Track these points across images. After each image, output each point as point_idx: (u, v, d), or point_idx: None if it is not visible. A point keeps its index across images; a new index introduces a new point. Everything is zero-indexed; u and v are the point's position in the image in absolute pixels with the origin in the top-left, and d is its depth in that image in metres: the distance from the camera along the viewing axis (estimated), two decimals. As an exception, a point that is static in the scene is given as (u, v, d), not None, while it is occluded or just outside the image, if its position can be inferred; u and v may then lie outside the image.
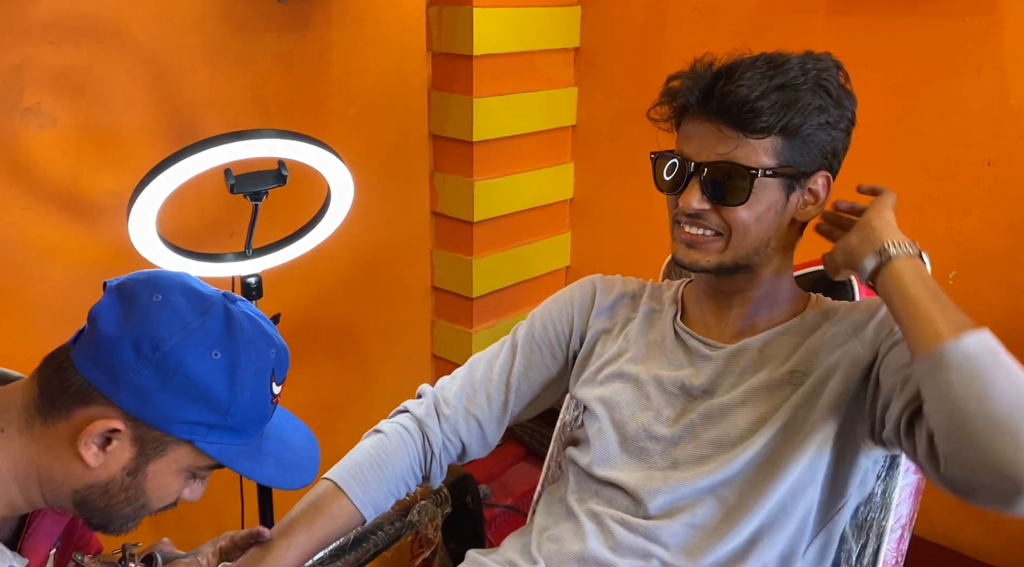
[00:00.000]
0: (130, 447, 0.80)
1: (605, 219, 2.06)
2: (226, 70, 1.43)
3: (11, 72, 1.19)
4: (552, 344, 1.19)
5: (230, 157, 1.11)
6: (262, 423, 0.86)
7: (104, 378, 0.77)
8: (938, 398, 0.83)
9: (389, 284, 1.87)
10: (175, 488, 0.85)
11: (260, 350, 0.82)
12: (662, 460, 1.03)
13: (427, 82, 1.82)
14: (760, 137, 0.94)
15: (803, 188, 0.99)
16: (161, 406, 0.78)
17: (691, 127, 0.99)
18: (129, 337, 0.77)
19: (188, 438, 0.80)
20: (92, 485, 0.81)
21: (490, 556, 1.09)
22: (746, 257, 1.00)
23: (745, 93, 0.92)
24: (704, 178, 0.97)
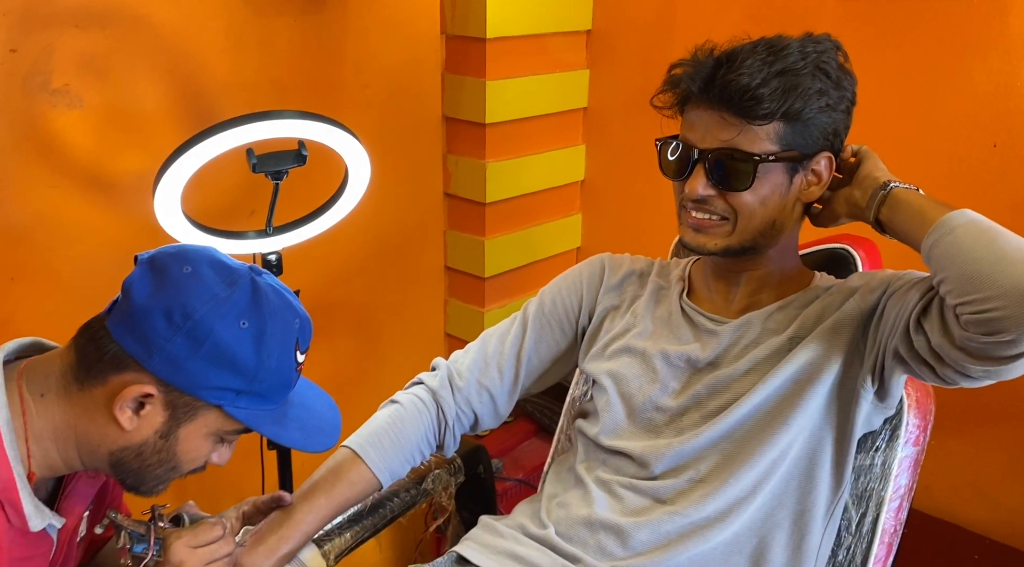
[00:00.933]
0: (162, 411, 0.84)
1: (616, 201, 2.09)
2: (246, 53, 1.47)
3: (40, 55, 1.22)
4: (561, 319, 1.23)
5: (252, 137, 1.15)
6: (287, 389, 0.90)
7: (137, 345, 0.82)
8: (947, 257, 0.87)
9: (403, 264, 1.91)
10: (205, 451, 0.89)
11: (285, 320, 0.86)
12: (668, 430, 1.07)
13: (440, 65, 1.84)
14: (762, 123, 0.97)
15: (806, 170, 1.02)
16: (192, 372, 0.82)
17: (694, 114, 1.01)
18: (161, 307, 0.81)
19: (217, 403, 0.85)
20: (127, 447, 0.85)
21: (501, 521, 1.14)
22: (752, 239, 1.03)
23: (746, 81, 0.95)
24: (708, 164, 1.00)
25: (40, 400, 0.85)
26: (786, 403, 1.02)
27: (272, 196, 1.25)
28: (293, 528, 1.05)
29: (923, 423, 1.11)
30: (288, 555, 1.04)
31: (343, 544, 1.12)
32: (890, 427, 1.09)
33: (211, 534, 0.93)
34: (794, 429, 1.01)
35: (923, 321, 0.93)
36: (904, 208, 0.96)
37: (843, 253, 1.22)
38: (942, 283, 0.88)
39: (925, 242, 0.91)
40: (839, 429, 1.03)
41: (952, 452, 1.60)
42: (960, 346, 0.88)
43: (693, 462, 1.03)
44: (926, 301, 0.93)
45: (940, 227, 0.89)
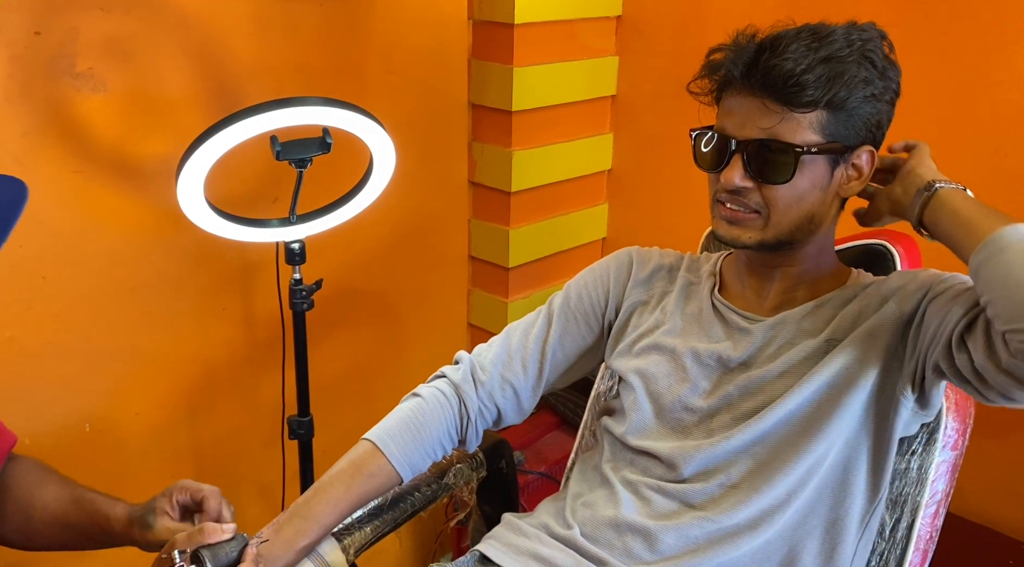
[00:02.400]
0: None
1: (643, 191, 2.05)
2: (271, 37, 1.45)
3: (65, 37, 1.21)
4: (587, 314, 1.20)
5: (276, 124, 1.13)
6: None
7: None
8: (997, 278, 0.83)
9: (427, 252, 1.89)
10: None
11: None
12: (697, 431, 1.04)
13: (467, 51, 1.81)
14: (805, 111, 0.93)
15: (847, 163, 0.98)
16: None
17: (733, 101, 0.98)
18: None
19: None
20: None
21: (525, 519, 1.12)
22: (788, 233, 0.99)
23: (791, 66, 0.91)
24: (747, 154, 0.96)
25: None
26: (822, 410, 0.98)
27: (296, 184, 1.23)
28: (312, 521, 1.03)
29: (962, 427, 1.07)
30: (307, 548, 1.03)
31: (363, 538, 1.11)
32: (927, 431, 1.05)
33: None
34: (831, 436, 0.98)
35: (967, 338, 0.89)
36: (950, 214, 0.91)
37: (881, 249, 1.19)
38: (990, 305, 0.84)
39: (973, 258, 0.86)
40: (876, 437, 1.00)
41: (986, 453, 1.55)
42: (1006, 370, 0.84)
43: (724, 466, 1.00)
44: (970, 318, 0.89)
45: (990, 244, 0.85)
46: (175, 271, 1.45)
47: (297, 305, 1.32)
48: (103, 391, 1.42)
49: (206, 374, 1.55)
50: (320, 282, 1.36)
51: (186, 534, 0.89)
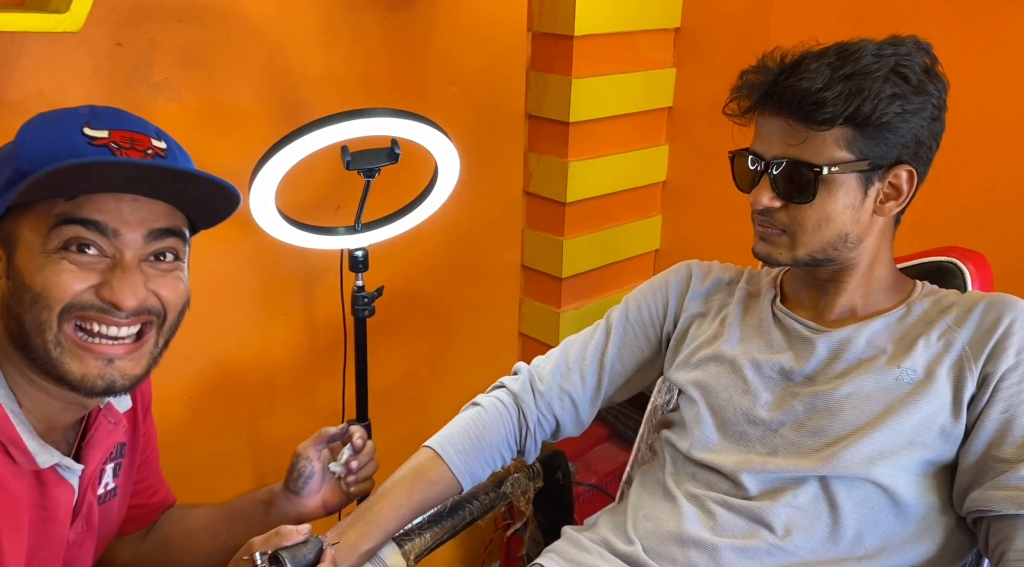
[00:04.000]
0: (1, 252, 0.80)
1: (698, 203, 2.04)
2: (338, 49, 1.48)
3: (143, 48, 1.25)
4: (646, 326, 1.20)
5: (347, 135, 1.15)
6: (70, 157, 0.77)
7: None
8: None
9: (480, 261, 1.90)
10: (53, 269, 0.79)
11: (55, 114, 0.81)
12: (761, 445, 1.03)
13: (526, 62, 1.83)
14: (825, 129, 0.93)
15: (882, 181, 0.97)
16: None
17: (761, 122, 0.99)
18: None
19: (3, 208, 0.77)
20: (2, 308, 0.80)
21: (584, 534, 1.12)
22: (822, 252, 0.99)
23: (807, 85, 0.92)
24: (773, 175, 0.97)
25: None
26: (897, 452, 0.96)
27: (363, 193, 1.25)
28: (374, 526, 1.05)
29: None
30: (369, 552, 1.05)
31: (423, 544, 1.12)
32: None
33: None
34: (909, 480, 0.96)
35: (980, 526, 0.91)
36: None
37: (950, 267, 1.16)
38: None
39: None
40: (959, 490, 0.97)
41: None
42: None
43: (790, 487, 0.99)
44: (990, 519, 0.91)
45: None
46: (240, 276, 1.48)
47: (359, 311, 1.34)
48: (167, 393, 1.46)
49: (267, 378, 1.58)
50: (381, 289, 1.38)
51: (265, 536, 0.91)
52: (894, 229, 1.04)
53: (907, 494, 0.94)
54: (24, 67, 1.14)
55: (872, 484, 0.95)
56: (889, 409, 0.96)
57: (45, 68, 1.16)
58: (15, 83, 1.14)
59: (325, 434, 1.07)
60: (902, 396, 0.96)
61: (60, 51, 1.17)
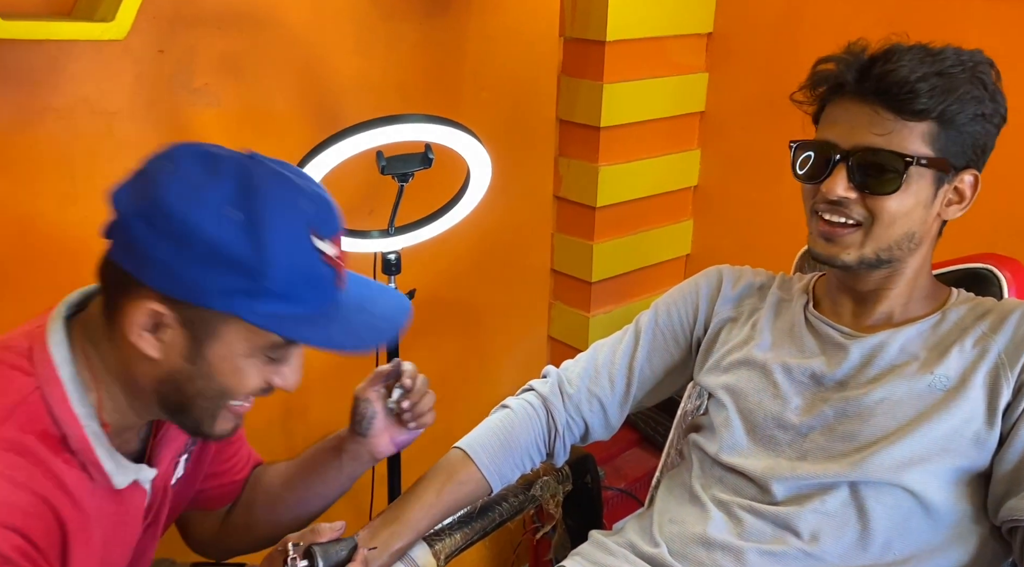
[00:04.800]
0: (181, 331, 0.77)
1: (730, 208, 2.03)
2: (372, 56, 1.50)
3: (184, 55, 1.29)
4: (676, 331, 1.20)
5: (382, 140, 1.17)
6: (317, 287, 0.79)
7: (129, 259, 0.75)
8: None
9: (510, 265, 1.91)
10: (250, 372, 0.81)
11: (285, 202, 0.76)
12: (790, 450, 1.02)
13: (557, 67, 1.84)
14: (917, 120, 0.92)
15: (951, 184, 0.96)
16: (187, 277, 0.73)
17: (840, 110, 0.97)
18: (138, 210, 0.74)
19: (229, 310, 0.75)
20: (163, 380, 0.80)
21: (611, 538, 1.12)
22: (888, 251, 0.97)
23: (905, 73, 0.91)
24: (852, 164, 0.95)
25: (95, 348, 0.81)
26: (928, 458, 0.95)
27: (396, 197, 1.27)
28: (405, 525, 1.06)
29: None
30: (400, 551, 1.06)
31: (453, 544, 1.13)
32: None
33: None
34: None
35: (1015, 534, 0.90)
36: None
37: (986, 274, 1.15)
38: None
39: None
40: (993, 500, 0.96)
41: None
42: None
43: (818, 494, 0.98)
44: None
45: None
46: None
47: (391, 314, 1.36)
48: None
49: (300, 377, 1.60)
50: (413, 292, 1.39)
51: (300, 533, 0.93)
52: (939, 235, 1.03)
53: (939, 501, 0.94)
54: (71, 74, 1.18)
55: (902, 490, 0.94)
56: (921, 415, 0.95)
57: (90, 75, 1.20)
58: (62, 89, 1.18)
59: (380, 374, 1.06)
60: (935, 403, 0.95)
61: (105, 58, 1.20)
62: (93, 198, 1.25)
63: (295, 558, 0.89)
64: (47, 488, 0.77)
